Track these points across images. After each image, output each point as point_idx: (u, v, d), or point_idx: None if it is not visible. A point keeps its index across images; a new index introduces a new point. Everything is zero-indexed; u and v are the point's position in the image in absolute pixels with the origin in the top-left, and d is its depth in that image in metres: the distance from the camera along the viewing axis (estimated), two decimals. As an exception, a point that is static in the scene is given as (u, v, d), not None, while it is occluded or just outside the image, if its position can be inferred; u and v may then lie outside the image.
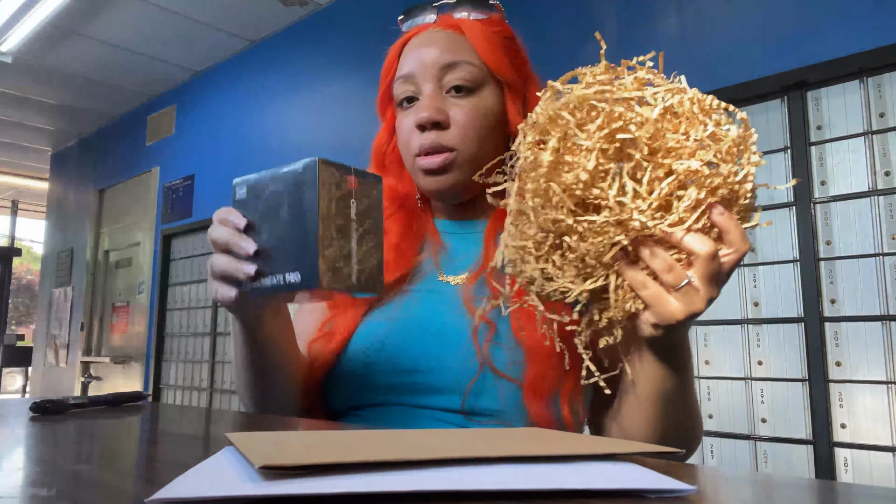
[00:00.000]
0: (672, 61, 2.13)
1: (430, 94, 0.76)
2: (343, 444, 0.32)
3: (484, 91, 0.78)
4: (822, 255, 1.60)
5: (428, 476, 0.27)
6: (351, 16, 3.03)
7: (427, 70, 0.77)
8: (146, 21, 3.44)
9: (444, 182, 0.77)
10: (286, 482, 0.25)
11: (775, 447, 1.62)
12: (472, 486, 0.26)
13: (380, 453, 0.29)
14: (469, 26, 0.78)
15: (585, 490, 0.27)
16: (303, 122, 3.28)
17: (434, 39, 0.78)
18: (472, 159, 0.76)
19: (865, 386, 1.51)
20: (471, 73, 0.76)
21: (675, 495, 0.28)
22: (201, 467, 0.30)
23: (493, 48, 0.78)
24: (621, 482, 0.28)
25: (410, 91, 0.78)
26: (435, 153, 0.76)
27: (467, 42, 0.78)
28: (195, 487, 0.26)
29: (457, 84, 0.76)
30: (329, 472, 0.26)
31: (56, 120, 5.05)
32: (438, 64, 0.76)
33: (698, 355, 1.78)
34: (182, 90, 4.27)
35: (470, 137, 0.76)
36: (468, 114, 0.76)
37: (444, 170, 0.76)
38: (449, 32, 0.79)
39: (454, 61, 0.76)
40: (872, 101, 1.58)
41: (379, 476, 0.26)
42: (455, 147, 0.76)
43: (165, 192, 4.22)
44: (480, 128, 0.76)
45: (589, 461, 0.31)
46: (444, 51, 0.77)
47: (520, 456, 0.30)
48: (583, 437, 0.38)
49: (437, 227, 0.85)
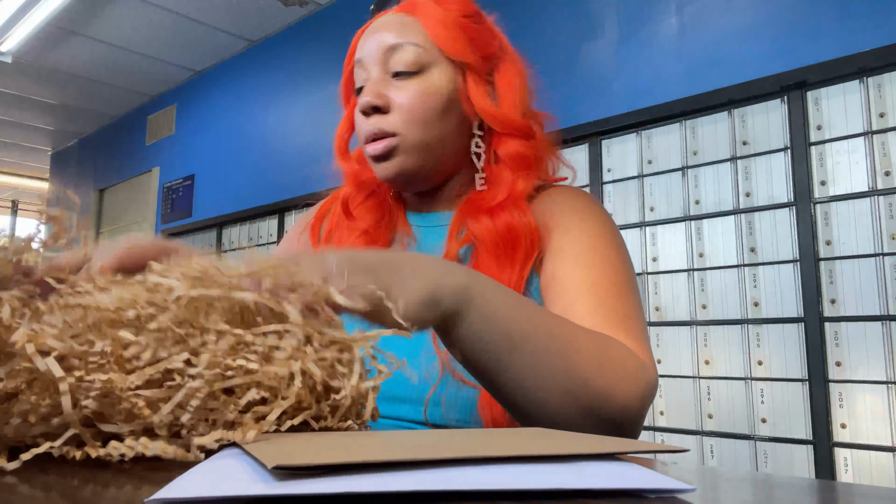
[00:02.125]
0: (671, 62, 2.14)
1: (373, 78, 0.74)
2: (351, 444, 0.32)
3: (432, 72, 0.73)
4: (822, 255, 1.60)
5: (437, 476, 0.27)
6: (351, 16, 3.03)
7: (373, 54, 0.74)
8: (146, 21, 3.44)
9: (389, 169, 0.73)
10: (299, 482, 0.25)
11: (775, 447, 1.62)
12: (480, 486, 0.26)
13: (389, 453, 0.29)
14: (422, 7, 0.75)
15: (586, 490, 0.27)
16: (303, 122, 3.28)
17: (384, 23, 0.76)
18: (419, 143, 0.72)
19: (865, 386, 1.51)
20: (415, 54, 0.73)
21: (675, 495, 0.28)
22: (203, 467, 0.30)
23: (442, 27, 0.74)
24: (621, 482, 0.28)
25: (363, 78, 0.76)
26: (378, 139, 0.72)
27: (418, 24, 0.74)
28: (203, 487, 0.26)
29: (399, 65, 0.73)
30: (341, 472, 0.26)
31: (56, 120, 5.05)
32: (383, 47, 0.74)
33: (698, 355, 1.78)
34: (182, 90, 4.27)
35: (413, 121, 0.72)
36: (410, 96, 0.72)
37: (388, 156, 0.72)
38: (400, 15, 0.76)
39: (397, 43, 0.73)
40: (872, 101, 1.58)
41: (390, 476, 0.26)
42: (397, 131, 0.72)
43: (165, 192, 4.22)
44: (425, 110, 0.72)
45: (589, 461, 0.31)
46: (390, 33, 0.74)
47: (523, 455, 0.30)
48: (584, 437, 0.38)
49: (407, 221, 0.82)
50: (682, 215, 1.86)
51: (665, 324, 1.86)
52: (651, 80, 1.97)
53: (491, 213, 0.72)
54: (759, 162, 1.73)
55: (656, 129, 1.94)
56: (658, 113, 1.92)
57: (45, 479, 0.30)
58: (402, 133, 0.72)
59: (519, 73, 0.79)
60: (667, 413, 1.83)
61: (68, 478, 0.31)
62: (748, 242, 1.73)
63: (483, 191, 0.76)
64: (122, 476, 0.31)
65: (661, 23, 1.98)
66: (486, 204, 0.73)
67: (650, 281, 1.91)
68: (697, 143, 1.86)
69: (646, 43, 2.01)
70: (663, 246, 1.89)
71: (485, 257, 0.70)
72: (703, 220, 1.82)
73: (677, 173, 1.88)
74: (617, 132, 2.02)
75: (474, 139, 0.77)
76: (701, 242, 1.82)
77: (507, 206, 0.72)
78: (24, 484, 0.29)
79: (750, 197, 1.74)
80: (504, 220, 0.71)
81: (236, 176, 3.65)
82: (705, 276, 1.80)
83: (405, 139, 0.72)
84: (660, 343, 1.87)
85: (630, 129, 1.99)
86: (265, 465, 0.27)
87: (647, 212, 1.93)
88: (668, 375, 1.83)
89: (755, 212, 1.72)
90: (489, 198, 0.74)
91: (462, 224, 0.74)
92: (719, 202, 1.79)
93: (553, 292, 0.68)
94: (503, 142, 0.76)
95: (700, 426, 1.76)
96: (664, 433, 1.83)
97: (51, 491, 0.28)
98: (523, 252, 0.70)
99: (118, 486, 0.29)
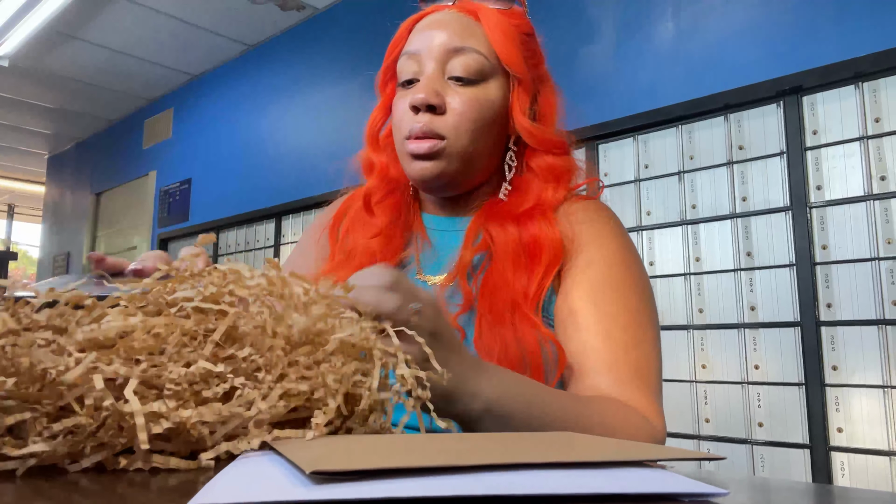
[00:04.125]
0: (668, 66, 2.14)
1: (431, 75, 0.72)
2: (385, 449, 0.33)
3: (489, 83, 0.73)
4: (818, 260, 1.61)
5: (475, 481, 0.27)
6: (348, 20, 3.04)
7: (432, 51, 0.73)
8: (143, 25, 3.44)
9: (430, 169, 0.72)
10: (338, 486, 0.25)
11: (772, 451, 1.63)
12: (518, 491, 0.26)
13: (427, 459, 0.29)
14: (486, 14, 0.75)
15: (621, 494, 0.27)
16: (300, 126, 3.28)
17: (446, 21, 0.74)
18: (463, 151, 0.72)
19: (862, 390, 1.51)
20: (477, 61, 0.72)
21: (708, 499, 0.28)
22: (234, 471, 0.30)
23: (507, 40, 0.73)
24: (658, 486, 0.29)
25: (413, 70, 0.74)
26: (425, 137, 0.71)
27: (481, 29, 0.74)
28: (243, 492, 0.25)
29: (461, 70, 0.72)
30: (377, 477, 0.27)
31: (53, 124, 5.04)
32: (445, 47, 0.72)
33: (695, 359, 1.79)
34: (179, 94, 4.27)
35: (464, 128, 0.71)
36: (467, 103, 0.71)
37: (432, 156, 0.71)
38: (463, 16, 0.74)
39: (462, 46, 0.72)
40: (868, 106, 1.58)
41: (428, 481, 0.27)
42: (446, 135, 0.71)
43: (162, 196, 4.21)
44: (477, 119, 0.72)
45: (622, 467, 0.32)
46: (454, 34, 0.73)
47: (559, 462, 0.31)
48: (615, 442, 0.39)
49: (423, 223, 0.81)
50: (678, 219, 1.86)
51: (662, 328, 1.86)
52: (648, 85, 1.98)
53: (518, 221, 0.72)
54: (755, 166, 1.74)
55: (653, 133, 1.95)
56: (655, 117, 1.92)
57: (70, 485, 0.30)
58: (451, 137, 0.71)
59: (557, 96, 0.80)
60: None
61: (92, 485, 0.31)
62: (745, 247, 1.74)
63: (505, 199, 0.76)
64: (135, 485, 0.31)
65: (657, 27, 1.99)
66: (512, 210, 0.73)
67: (647, 285, 1.91)
68: (694, 147, 1.86)
69: (642, 47, 2.02)
70: (660, 250, 1.90)
71: (500, 264, 0.70)
72: (700, 224, 1.82)
73: (674, 178, 1.89)
74: (614, 136, 2.03)
75: (509, 153, 0.78)
76: (697, 247, 1.82)
77: (535, 216, 0.72)
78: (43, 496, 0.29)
79: (746, 201, 1.75)
80: (531, 230, 0.71)
81: (233, 180, 3.65)
82: (702, 280, 1.80)
83: (452, 144, 0.72)
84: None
85: (627, 133, 2.00)
86: (302, 470, 0.27)
87: (643, 216, 1.94)
88: (666, 380, 1.83)
89: (751, 216, 1.73)
90: (515, 205, 0.74)
91: (481, 229, 0.73)
92: (716, 206, 1.80)
93: (571, 327, 0.68)
94: (537, 155, 0.77)
95: (697, 430, 1.76)
96: (661, 437, 1.83)
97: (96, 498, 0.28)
98: (545, 265, 0.69)
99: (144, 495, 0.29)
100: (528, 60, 0.77)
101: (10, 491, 0.28)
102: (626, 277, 0.71)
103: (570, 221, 0.74)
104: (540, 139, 0.75)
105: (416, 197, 0.84)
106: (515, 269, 0.69)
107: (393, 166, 0.82)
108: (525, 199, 0.74)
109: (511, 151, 0.78)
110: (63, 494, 0.28)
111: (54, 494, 0.28)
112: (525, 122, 0.75)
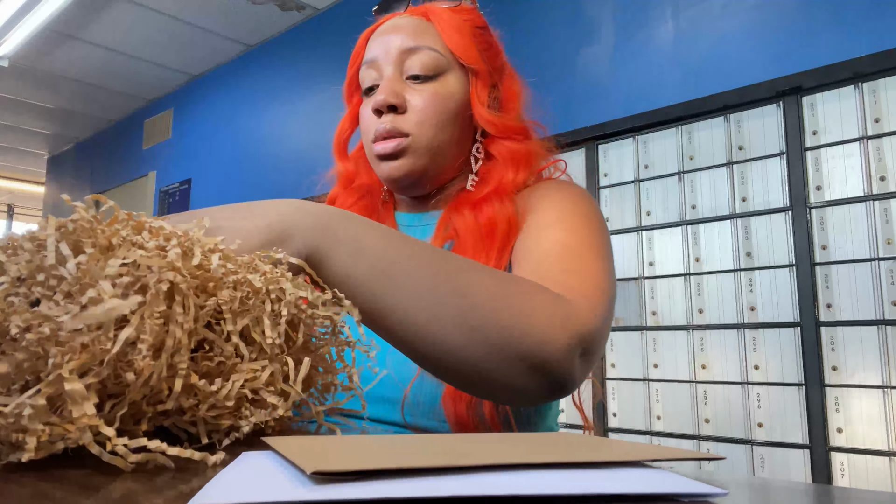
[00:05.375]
0: (667, 67, 2.14)
1: (389, 77, 0.75)
2: (386, 449, 0.33)
3: (447, 77, 0.75)
4: (818, 260, 1.61)
5: (476, 481, 0.27)
6: (348, 20, 3.04)
7: (389, 55, 0.75)
8: (143, 25, 3.44)
9: (397, 168, 0.74)
10: (340, 486, 0.25)
11: (772, 451, 1.63)
12: (517, 491, 0.26)
13: (427, 459, 0.29)
14: (436, 13, 0.77)
15: (620, 494, 0.27)
16: (300, 126, 3.28)
17: (399, 26, 0.77)
18: (428, 145, 0.74)
19: (861, 390, 1.51)
20: (432, 57, 0.74)
21: (708, 499, 0.28)
22: (232, 471, 0.30)
23: (459, 35, 0.76)
24: (656, 486, 0.29)
25: (373, 77, 0.77)
26: (390, 137, 0.73)
27: (433, 28, 0.76)
28: (243, 492, 0.26)
29: (418, 68, 0.74)
30: (379, 478, 0.27)
31: (52, 124, 5.04)
32: (400, 49, 0.75)
33: (695, 359, 1.79)
34: (179, 94, 4.27)
35: (427, 123, 0.73)
36: (427, 98, 0.74)
37: (398, 155, 0.73)
38: (414, 19, 0.77)
39: (416, 46, 0.74)
40: (867, 107, 1.58)
41: (427, 481, 0.27)
42: (410, 131, 0.73)
43: (162, 197, 4.21)
44: (439, 112, 0.74)
45: (620, 467, 0.32)
46: (408, 36, 0.75)
47: (558, 462, 0.31)
48: (613, 442, 0.39)
49: (396, 221, 0.83)
50: (678, 220, 1.87)
51: (662, 328, 1.86)
52: (647, 86, 1.98)
53: (474, 207, 0.73)
54: (755, 167, 1.74)
55: (653, 133, 1.95)
56: (654, 118, 1.92)
57: (62, 474, 0.30)
58: (415, 134, 0.73)
59: (519, 86, 0.81)
60: (664, 417, 1.83)
61: (85, 477, 0.31)
62: (744, 247, 1.74)
63: (472, 189, 0.77)
64: (135, 485, 0.31)
65: (657, 28, 1.99)
66: (472, 198, 0.74)
67: (647, 285, 1.91)
68: (694, 148, 1.86)
69: (642, 48, 2.02)
70: (660, 250, 1.90)
71: (460, 250, 0.70)
72: (700, 224, 1.82)
73: (674, 178, 1.89)
74: (614, 137, 2.03)
75: (476, 144, 0.79)
76: (697, 247, 1.82)
77: (491, 199, 0.73)
78: (39, 482, 0.29)
79: (746, 202, 1.75)
80: (486, 212, 0.72)
81: (233, 180, 3.65)
82: (702, 280, 1.80)
83: (417, 140, 0.73)
84: (656, 347, 1.87)
85: (627, 133, 2.00)
86: (303, 470, 0.27)
87: (643, 216, 1.94)
88: (665, 380, 1.84)
89: (751, 216, 1.73)
90: (476, 193, 0.75)
91: (448, 221, 0.74)
92: (716, 207, 1.80)
93: (519, 258, 0.67)
94: (497, 142, 0.78)
95: (697, 430, 1.76)
96: (661, 437, 1.83)
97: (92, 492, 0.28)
98: (500, 240, 0.70)
99: (142, 489, 0.29)
100: (484, 53, 0.78)
101: (11, 491, 0.28)
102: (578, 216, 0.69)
103: (533, 196, 0.74)
104: (500, 127, 0.77)
105: (389, 200, 0.86)
106: (475, 252, 0.69)
107: (365, 174, 0.84)
108: (486, 186, 0.75)
109: (479, 143, 0.79)
110: (63, 494, 0.28)
111: (54, 494, 0.28)
112: (483, 111, 0.76)
